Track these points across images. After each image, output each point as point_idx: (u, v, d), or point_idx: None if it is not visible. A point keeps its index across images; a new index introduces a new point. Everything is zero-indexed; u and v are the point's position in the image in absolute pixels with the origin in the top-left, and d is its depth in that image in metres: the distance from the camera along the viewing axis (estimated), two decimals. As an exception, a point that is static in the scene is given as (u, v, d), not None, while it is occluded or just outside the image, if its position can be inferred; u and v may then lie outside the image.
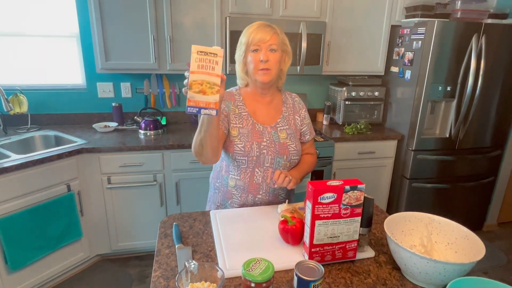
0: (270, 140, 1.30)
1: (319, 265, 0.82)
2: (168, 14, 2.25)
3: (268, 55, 1.21)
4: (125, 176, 2.20)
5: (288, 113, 1.37)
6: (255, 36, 1.21)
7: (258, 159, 1.28)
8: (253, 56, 1.22)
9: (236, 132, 1.28)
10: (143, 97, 2.69)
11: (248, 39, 1.22)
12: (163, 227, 1.19)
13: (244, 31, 1.25)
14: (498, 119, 2.62)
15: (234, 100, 1.32)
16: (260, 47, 1.21)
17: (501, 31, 2.37)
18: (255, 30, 1.22)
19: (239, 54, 1.27)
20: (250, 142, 1.27)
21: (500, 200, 2.96)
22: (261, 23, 1.25)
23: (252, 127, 1.30)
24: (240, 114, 1.30)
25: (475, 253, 0.91)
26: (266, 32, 1.21)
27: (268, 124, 1.33)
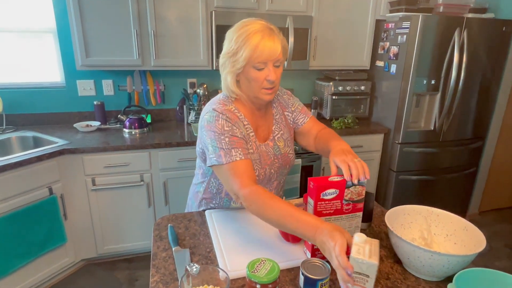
0: (274, 156, 1.19)
1: (325, 263, 0.80)
2: (151, 8, 2.17)
3: (276, 73, 1.03)
4: (110, 177, 2.12)
5: (279, 114, 1.24)
6: (263, 51, 0.99)
7: (264, 177, 1.18)
8: (257, 74, 1.02)
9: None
10: (126, 95, 2.59)
11: (251, 54, 0.99)
12: (157, 229, 1.14)
13: (240, 39, 1.00)
14: (479, 111, 2.69)
15: (238, 120, 1.09)
16: (267, 65, 1.02)
17: (482, 25, 2.43)
18: (260, 42, 0.98)
19: (233, 67, 1.03)
20: (263, 169, 1.14)
21: (481, 190, 3.06)
22: (262, 29, 1.01)
23: (258, 150, 1.14)
24: (248, 136, 1.11)
25: (475, 244, 0.92)
26: (274, 43, 1.00)
27: (268, 138, 1.19)
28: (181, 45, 2.30)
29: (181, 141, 2.17)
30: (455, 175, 2.81)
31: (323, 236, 0.77)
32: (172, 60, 2.31)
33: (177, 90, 2.70)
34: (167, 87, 2.67)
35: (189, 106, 2.61)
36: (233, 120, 1.07)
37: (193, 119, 2.61)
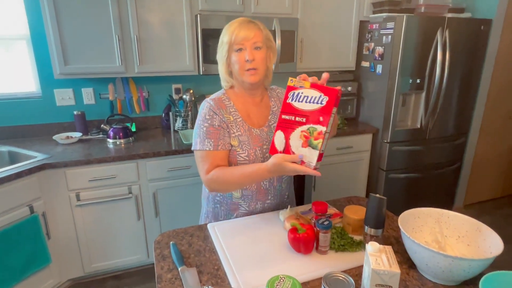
0: (269, 141, 1.23)
1: (348, 277, 0.76)
2: (133, 12, 2.08)
3: (253, 54, 1.13)
4: (96, 191, 2.01)
5: (278, 107, 1.29)
6: (238, 34, 1.11)
7: None
8: (237, 56, 1.13)
9: (237, 141, 1.19)
10: (108, 103, 2.47)
11: (230, 38, 1.13)
12: (159, 247, 1.07)
13: (225, 29, 1.16)
14: (462, 108, 2.77)
15: (225, 107, 1.21)
16: (244, 46, 1.12)
17: (462, 24, 2.49)
18: (237, 27, 1.13)
19: (221, 55, 1.18)
20: (253, 149, 1.19)
21: (465, 184, 3.14)
22: (243, 20, 1.16)
23: (249, 133, 1.21)
24: (236, 121, 1.20)
25: (489, 245, 0.91)
26: (249, 29, 1.12)
27: (263, 125, 1.25)
28: (165, 50, 2.22)
29: (170, 150, 2.09)
30: (441, 171, 2.87)
31: (273, 168, 0.99)
32: (156, 65, 2.23)
33: (161, 97, 2.61)
34: (151, 94, 2.58)
35: (175, 112, 2.53)
36: (217, 107, 1.19)
37: (180, 126, 2.53)
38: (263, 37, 1.15)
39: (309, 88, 0.92)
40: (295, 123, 0.96)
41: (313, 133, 0.93)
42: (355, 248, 1.02)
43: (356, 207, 1.15)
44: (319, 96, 0.91)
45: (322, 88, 0.91)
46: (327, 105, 0.91)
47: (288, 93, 0.95)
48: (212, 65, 2.27)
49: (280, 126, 0.98)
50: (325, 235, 0.98)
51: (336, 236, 1.04)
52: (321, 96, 0.91)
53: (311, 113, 0.93)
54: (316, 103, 0.92)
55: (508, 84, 3.01)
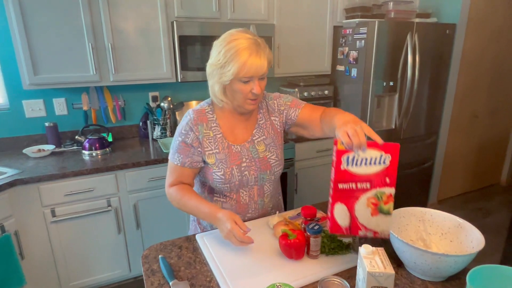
0: (249, 158, 1.19)
1: (343, 280, 0.77)
2: (106, 20, 2.02)
3: (260, 86, 1.07)
4: (73, 206, 1.92)
5: (264, 119, 1.25)
6: (250, 68, 1.02)
7: (240, 182, 1.18)
8: (242, 86, 1.06)
9: (213, 159, 1.16)
10: (81, 114, 2.38)
11: (239, 71, 1.02)
12: (147, 262, 1.04)
13: (229, 54, 1.02)
14: (432, 108, 2.90)
15: (207, 121, 1.17)
16: (253, 79, 1.05)
17: (429, 29, 2.62)
18: (248, 59, 1.02)
19: (220, 78, 1.07)
20: (229, 168, 1.16)
21: (438, 181, 3.29)
22: (250, 46, 1.03)
23: (228, 150, 1.17)
24: (215, 137, 1.17)
25: (471, 240, 0.96)
26: (261, 60, 1.04)
27: (246, 140, 1.21)
28: (142, 58, 2.17)
29: (150, 159, 2.04)
30: (416, 170, 2.99)
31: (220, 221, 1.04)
32: (133, 73, 2.17)
33: (138, 105, 2.55)
34: (127, 102, 2.51)
35: (153, 121, 2.47)
36: (197, 122, 1.16)
37: (158, 134, 2.47)
38: (268, 64, 1.08)
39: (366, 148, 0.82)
40: (357, 191, 0.85)
41: (382, 197, 0.84)
42: (345, 251, 1.04)
43: (343, 210, 1.17)
44: (380, 155, 0.81)
45: (379, 146, 0.81)
46: (391, 164, 0.82)
47: (340, 158, 0.83)
48: (190, 72, 2.25)
49: (339, 197, 0.86)
50: (316, 240, 0.99)
51: (326, 240, 1.06)
52: (382, 156, 0.81)
53: (375, 176, 0.82)
54: (379, 164, 0.82)
55: (472, 84, 3.19)
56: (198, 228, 1.32)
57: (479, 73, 3.20)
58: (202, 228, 1.31)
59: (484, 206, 3.39)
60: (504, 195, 3.63)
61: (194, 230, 1.34)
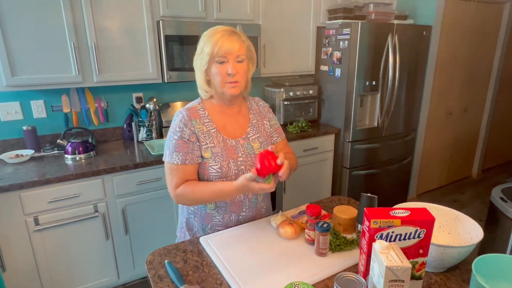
0: (245, 153, 1.21)
1: (359, 277, 0.79)
2: (89, 18, 1.95)
3: (236, 67, 1.11)
4: (57, 213, 1.83)
5: (256, 120, 1.29)
6: (222, 46, 1.08)
7: (237, 176, 1.18)
8: (219, 68, 1.11)
9: (209, 153, 1.16)
10: (62, 116, 2.28)
11: (212, 50, 1.09)
12: (152, 268, 1.01)
13: (206, 38, 1.12)
14: (411, 106, 3.01)
15: (199, 117, 1.18)
16: (227, 59, 1.10)
17: (408, 30, 2.72)
18: (220, 38, 1.09)
19: (200, 64, 1.14)
20: (226, 161, 1.17)
21: (416, 176, 3.43)
22: (225, 29, 1.12)
23: (224, 144, 1.19)
24: (209, 132, 1.18)
25: (469, 231, 1.01)
26: (233, 42, 1.10)
27: (239, 136, 1.23)
28: (127, 58, 2.11)
29: (139, 162, 1.98)
30: (396, 166, 3.09)
31: (241, 188, 1.05)
32: (118, 74, 2.10)
33: (122, 106, 2.47)
34: (110, 104, 2.43)
35: (138, 123, 2.41)
36: (190, 118, 1.16)
37: (144, 136, 2.41)
38: (245, 49, 1.13)
39: (400, 225, 0.82)
40: None
41: (414, 266, 0.86)
42: (350, 246, 1.06)
43: (345, 207, 1.20)
44: (415, 231, 0.83)
45: (415, 221, 0.82)
46: (425, 237, 0.83)
47: (373, 236, 0.84)
48: (177, 72, 2.21)
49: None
50: (325, 238, 1.00)
51: (332, 237, 1.08)
52: (417, 231, 0.83)
53: (409, 249, 0.84)
54: (413, 238, 0.83)
55: (446, 83, 3.35)
56: (188, 234, 1.29)
57: (453, 73, 3.37)
58: (192, 235, 1.29)
59: (459, 198, 3.57)
60: (476, 187, 3.85)
61: (183, 237, 1.32)
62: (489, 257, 0.83)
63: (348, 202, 1.44)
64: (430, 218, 0.83)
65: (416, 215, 0.84)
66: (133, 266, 2.16)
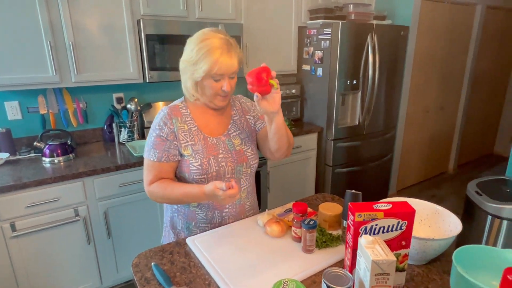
0: (226, 150, 1.21)
1: (346, 272, 0.81)
2: (66, 16, 1.89)
3: (230, 84, 1.12)
4: (36, 218, 1.77)
5: (239, 116, 1.29)
6: (221, 66, 1.06)
7: (218, 173, 1.19)
8: (213, 84, 1.10)
9: (189, 150, 1.16)
10: (38, 118, 2.20)
11: (211, 69, 1.06)
12: (139, 271, 0.99)
13: (203, 52, 1.06)
14: (391, 104, 3.10)
15: (181, 116, 1.19)
16: (223, 77, 1.09)
17: (386, 30, 2.79)
18: (220, 57, 1.05)
19: (192, 75, 1.11)
20: (206, 158, 1.17)
21: (396, 172, 3.52)
22: (222, 45, 1.07)
23: (204, 142, 1.19)
24: (190, 130, 1.18)
25: (448, 224, 1.05)
26: (232, 59, 1.08)
27: (221, 133, 1.24)
28: (107, 58, 2.06)
29: (120, 164, 1.94)
30: (377, 163, 3.17)
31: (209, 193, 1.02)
32: (97, 74, 2.05)
33: (101, 107, 2.41)
34: (89, 105, 2.36)
35: (119, 123, 2.36)
36: (171, 117, 1.17)
37: (125, 137, 2.36)
38: (239, 63, 1.12)
39: (383, 218, 0.85)
40: None
41: (398, 258, 0.88)
42: (336, 243, 1.08)
43: (330, 204, 1.21)
44: (397, 223, 0.85)
45: (397, 213, 0.85)
46: (407, 228, 0.86)
47: (358, 229, 0.86)
48: (159, 72, 2.18)
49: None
50: (312, 235, 1.02)
51: (318, 234, 1.09)
52: (399, 223, 0.85)
53: (392, 241, 0.87)
54: (395, 230, 0.86)
55: (423, 82, 3.46)
56: (172, 233, 1.29)
57: (429, 72, 3.48)
58: (176, 233, 1.28)
59: (437, 193, 3.70)
60: (452, 182, 3.99)
61: (167, 235, 1.31)
62: (468, 248, 0.87)
63: (333, 199, 1.46)
64: (410, 210, 0.86)
65: (397, 208, 0.87)
66: (116, 270, 2.11)
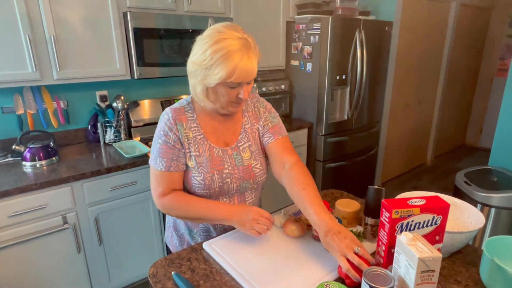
0: (232, 165, 1.10)
1: (387, 271, 0.78)
2: (46, 8, 1.74)
3: (248, 90, 1.02)
4: (20, 228, 1.63)
5: (251, 124, 1.16)
6: (241, 73, 0.94)
7: (221, 189, 1.10)
8: (229, 91, 0.98)
9: (193, 162, 1.07)
10: (14, 118, 2.03)
11: (228, 75, 0.93)
12: (158, 281, 0.92)
13: (218, 55, 0.93)
14: (376, 99, 3.15)
15: (186, 121, 1.07)
16: (241, 84, 0.98)
17: (373, 26, 2.83)
18: (239, 64, 0.93)
19: (205, 80, 0.97)
20: (210, 173, 1.07)
21: (381, 165, 3.60)
22: (241, 48, 0.94)
23: (210, 153, 1.08)
24: (195, 138, 1.08)
25: (467, 216, 1.06)
26: (252, 63, 0.96)
27: (229, 144, 1.12)
28: (91, 53, 1.93)
29: (112, 166, 1.83)
30: (364, 157, 3.22)
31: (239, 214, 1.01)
32: (81, 71, 1.91)
33: (84, 106, 2.26)
34: (70, 103, 2.20)
35: (104, 123, 2.22)
36: (175, 122, 1.06)
37: (112, 138, 2.23)
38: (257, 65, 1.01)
39: (419, 214, 0.84)
40: None
41: None
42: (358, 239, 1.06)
43: (346, 201, 1.20)
44: (432, 218, 0.85)
45: (433, 208, 0.84)
46: (441, 223, 0.86)
47: (394, 226, 0.84)
48: (147, 68, 2.07)
49: (391, 261, 0.87)
50: None
51: (340, 232, 1.07)
52: (434, 218, 0.85)
53: (426, 236, 0.86)
54: (430, 226, 0.86)
55: (404, 77, 3.55)
56: (175, 234, 1.23)
57: (409, 67, 3.58)
58: (179, 236, 1.22)
59: (418, 185, 3.83)
60: (430, 173, 4.15)
61: (170, 236, 1.26)
62: (499, 239, 0.87)
63: (341, 195, 1.45)
64: (445, 205, 0.85)
65: (432, 203, 0.86)
66: (109, 278, 2.00)
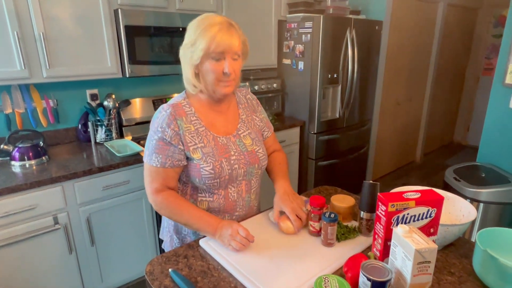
0: (238, 151, 1.14)
1: (384, 264, 0.80)
2: (35, 5, 1.70)
3: (232, 66, 1.03)
4: (10, 229, 1.59)
5: (246, 115, 1.23)
6: (220, 42, 0.99)
7: (230, 176, 1.12)
8: (214, 65, 1.02)
9: (199, 154, 1.08)
10: (2, 118, 1.98)
11: (209, 45, 0.99)
12: (155, 279, 0.92)
13: (199, 30, 1.00)
14: (367, 97, 3.18)
15: (186, 115, 1.09)
16: (224, 56, 1.01)
17: (363, 25, 2.86)
18: (218, 33, 0.99)
19: (191, 58, 1.03)
20: (218, 161, 1.09)
21: (372, 163, 3.65)
22: (222, 22, 1.01)
23: (214, 142, 1.11)
24: (197, 131, 1.10)
25: (460, 209, 1.08)
26: (232, 37, 1.01)
27: (230, 133, 1.16)
28: (82, 50, 1.90)
29: (103, 166, 1.80)
30: (355, 155, 3.25)
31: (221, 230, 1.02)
32: (71, 69, 1.88)
33: (74, 105, 2.22)
34: (60, 102, 2.17)
35: (95, 122, 2.19)
36: (174, 117, 1.07)
37: (103, 137, 2.20)
38: (241, 45, 1.06)
39: (414, 206, 0.86)
40: None
41: None
42: (353, 234, 1.08)
43: (341, 196, 1.21)
44: (427, 211, 0.87)
45: (428, 201, 0.87)
46: (436, 216, 0.88)
47: (391, 219, 0.86)
48: (138, 66, 2.05)
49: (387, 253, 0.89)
50: (333, 228, 1.00)
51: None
52: (429, 210, 0.87)
53: (421, 229, 0.88)
54: (425, 218, 0.88)
55: (394, 75, 3.60)
56: (176, 238, 1.22)
57: (399, 66, 3.63)
58: (181, 238, 1.21)
59: (408, 182, 3.89)
60: (420, 171, 4.22)
61: (169, 240, 1.24)
62: (491, 231, 0.90)
63: (336, 191, 1.46)
64: (439, 198, 0.87)
65: (427, 196, 0.88)
66: (101, 279, 1.97)
